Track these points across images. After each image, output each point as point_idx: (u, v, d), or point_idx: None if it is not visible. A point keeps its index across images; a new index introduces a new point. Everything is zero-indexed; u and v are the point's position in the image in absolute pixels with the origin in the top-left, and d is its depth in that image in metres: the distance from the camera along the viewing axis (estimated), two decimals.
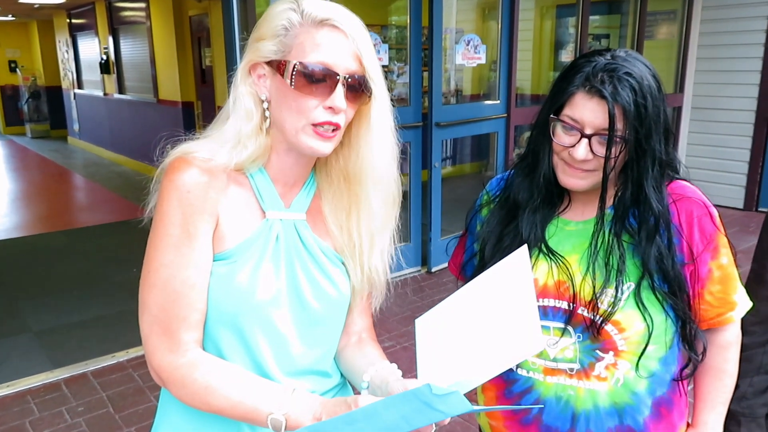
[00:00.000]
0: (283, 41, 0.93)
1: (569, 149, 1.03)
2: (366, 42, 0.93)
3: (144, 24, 7.89)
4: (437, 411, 0.75)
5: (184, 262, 0.91)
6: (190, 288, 0.92)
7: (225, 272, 0.94)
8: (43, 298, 4.18)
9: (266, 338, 0.97)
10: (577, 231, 1.13)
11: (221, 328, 0.96)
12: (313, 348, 1.03)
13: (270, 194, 0.99)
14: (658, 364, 1.10)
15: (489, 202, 1.24)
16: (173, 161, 0.94)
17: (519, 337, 0.87)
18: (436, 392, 0.75)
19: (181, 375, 0.91)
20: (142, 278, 0.94)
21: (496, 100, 4.86)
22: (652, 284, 1.05)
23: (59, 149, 11.57)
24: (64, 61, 11.79)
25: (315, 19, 0.92)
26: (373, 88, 0.95)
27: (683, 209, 1.08)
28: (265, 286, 0.96)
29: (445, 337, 0.98)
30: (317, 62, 0.90)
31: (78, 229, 6.20)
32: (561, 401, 1.10)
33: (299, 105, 0.92)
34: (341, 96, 0.91)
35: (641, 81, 1.00)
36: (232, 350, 0.96)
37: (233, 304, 0.94)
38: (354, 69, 0.92)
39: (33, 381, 3.05)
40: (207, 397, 0.90)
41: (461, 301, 0.99)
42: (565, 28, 6.81)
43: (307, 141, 0.93)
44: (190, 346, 0.92)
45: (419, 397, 0.75)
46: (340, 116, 0.93)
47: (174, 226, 0.91)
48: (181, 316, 0.92)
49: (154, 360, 0.93)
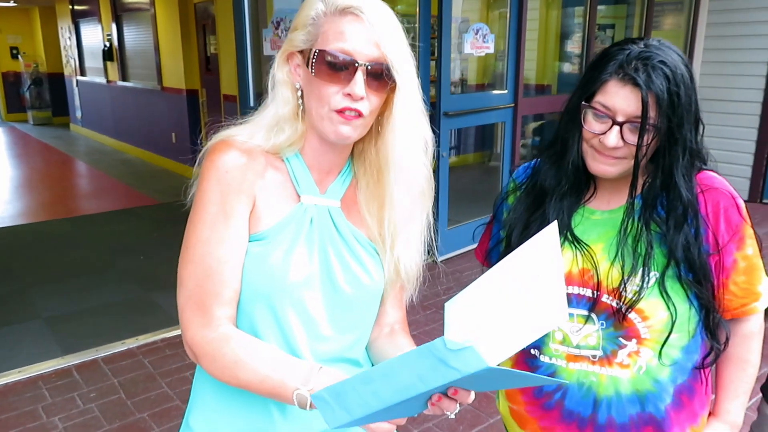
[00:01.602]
0: (310, 31, 0.95)
1: (600, 136, 1.04)
2: (390, 30, 0.94)
3: (148, 11, 7.85)
4: (452, 368, 0.72)
5: (219, 239, 0.94)
6: (224, 265, 0.94)
7: (259, 252, 0.96)
8: (51, 284, 4.20)
9: (298, 319, 0.99)
10: (603, 220, 1.14)
11: (255, 307, 0.98)
12: (344, 333, 1.04)
13: (305, 179, 1.01)
14: (681, 353, 1.11)
15: (516, 189, 1.25)
16: (215, 144, 0.98)
17: (544, 309, 0.86)
18: (450, 347, 0.72)
19: (212, 349, 0.93)
20: (181, 255, 0.97)
21: (504, 90, 4.85)
22: (678, 273, 1.06)
23: (62, 136, 11.55)
24: (66, 48, 11.75)
25: (338, 7, 0.93)
26: (396, 77, 0.94)
27: (710, 199, 1.08)
28: (297, 268, 0.97)
29: (472, 317, 0.98)
30: (337, 49, 0.92)
31: (83, 216, 6.22)
32: (583, 387, 1.12)
33: (321, 92, 0.94)
34: (360, 83, 0.92)
35: (675, 70, 1.00)
36: (266, 328, 0.98)
37: (266, 284, 0.96)
38: (375, 56, 0.92)
39: (44, 367, 3.07)
40: (236, 370, 0.92)
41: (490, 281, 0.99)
42: (571, 18, 6.79)
43: (331, 127, 0.95)
44: (222, 322, 0.95)
45: (433, 352, 0.73)
46: (361, 104, 0.93)
47: (212, 204, 0.94)
48: (215, 291, 0.94)
49: (188, 333, 0.95)
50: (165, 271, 4.32)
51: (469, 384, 0.78)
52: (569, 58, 6.76)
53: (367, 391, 0.77)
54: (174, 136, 7.81)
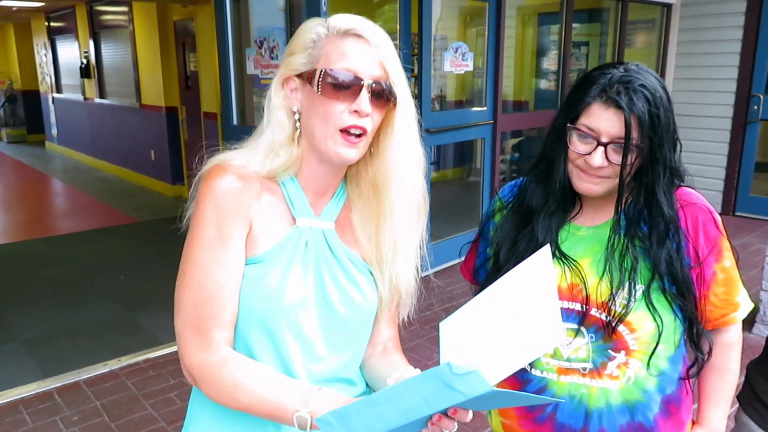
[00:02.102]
0: (311, 53, 0.98)
1: (585, 157, 1.08)
2: (389, 50, 0.98)
3: (126, 28, 7.83)
4: (457, 391, 0.75)
5: (217, 262, 0.95)
6: (222, 288, 0.95)
7: (256, 275, 0.97)
8: (29, 306, 4.13)
9: (294, 340, 1.00)
10: (589, 236, 1.18)
11: (252, 329, 0.99)
12: (339, 353, 1.06)
13: (300, 202, 1.03)
14: (667, 363, 1.15)
15: (502, 207, 1.28)
16: (211, 168, 0.99)
17: (541, 330, 0.89)
18: (456, 371, 0.74)
19: (211, 372, 0.94)
20: (178, 278, 0.98)
21: (483, 107, 4.93)
22: (663, 286, 1.10)
23: (37, 154, 11.38)
24: (42, 65, 11.61)
25: (340, 30, 0.97)
26: (397, 94, 0.98)
27: (690, 214, 1.13)
28: (293, 290, 0.99)
29: (468, 338, 1.00)
30: (343, 69, 0.95)
31: (60, 235, 6.12)
32: (574, 400, 1.15)
33: (326, 111, 0.96)
34: (366, 100, 0.95)
35: (654, 92, 1.06)
36: (262, 350, 1.00)
37: (263, 306, 0.97)
38: (378, 75, 0.96)
39: (24, 390, 3.01)
40: (235, 393, 0.93)
41: (484, 302, 1.01)
42: (547, 36, 6.93)
43: (335, 147, 0.97)
44: (221, 345, 0.96)
45: (439, 376, 0.75)
46: (366, 120, 0.96)
47: (209, 228, 0.96)
48: (213, 315, 0.95)
49: (186, 357, 0.96)
50: (146, 290, 4.33)
51: (470, 404, 0.80)
52: (545, 74, 6.90)
53: (371, 414, 0.78)
54: (153, 153, 7.76)
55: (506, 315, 0.95)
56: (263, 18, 4.42)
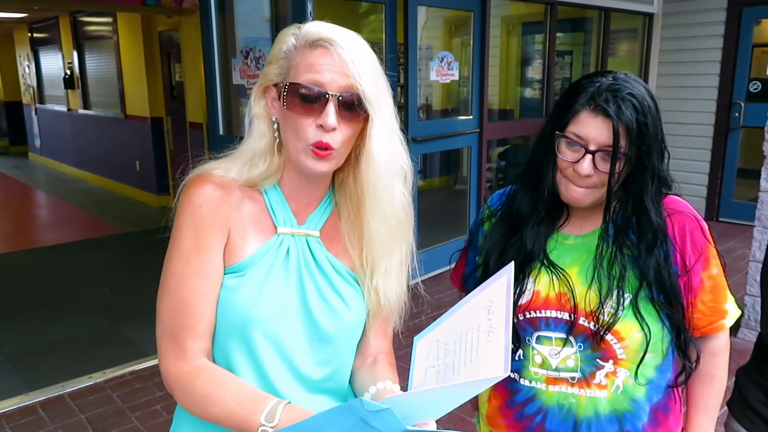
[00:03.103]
0: (283, 65, 0.97)
1: (573, 165, 1.09)
2: (362, 60, 0.93)
3: (111, 39, 7.78)
4: (373, 428, 0.74)
5: (193, 272, 0.95)
6: (197, 298, 0.95)
7: (233, 285, 0.97)
8: (11, 318, 4.06)
9: (273, 352, 0.99)
10: (577, 245, 1.18)
11: (229, 340, 0.98)
12: (323, 366, 1.04)
13: (282, 210, 1.02)
14: (655, 372, 1.15)
15: (491, 216, 1.28)
16: (191, 178, 0.99)
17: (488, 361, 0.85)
18: (368, 408, 0.73)
19: (184, 382, 0.94)
20: (159, 288, 0.98)
21: (469, 116, 4.96)
22: (651, 295, 1.10)
23: (20, 165, 11.25)
24: (24, 76, 11.51)
25: (309, 40, 0.94)
26: (368, 107, 0.94)
27: (677, 222, 1.14)
28: (271, 300, 0.98)
29: (434, 358, 0.98)
30: (308, 81, 0.92)
31: (44, 247, 6.04)
32: (563, 409, 1.15)
33: (295, 125, 0.95)
34: (332, 114, 0.92)
35: (642, 101, 1.06)
36: (240, 362, 0.98)
37: (238, 317, 0.96)
38: (346, 86, 0.92)
39: (7, 405, 2.96)
40: (204, 405, 0.92)
41: (452, 321, 0.99)
42: (531, 45, 7.00)
43: (306, 161, 0.96)
44: (196, 355, 0.95)
45: (354, 411, 0.74)
46: (332, 135, 0.93)
47: (186, 238, 0.96)
48: (188, 325, 0.95)
49: (163, 366, 0.96)
50: (131, 302, 4.28)
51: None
52: (530, 83, 6.95)
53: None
54: (138, 164, 7.70)
55: (468, 338, 0.92)
56: (249, 28, 4.42)
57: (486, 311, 0.91)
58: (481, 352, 0.87)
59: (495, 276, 0.95)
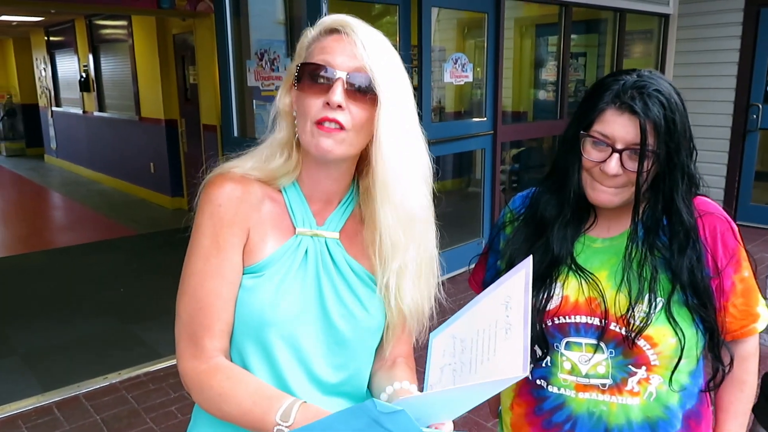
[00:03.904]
0: (301, 55, 0.99)
1: (600, 165, 1.06)
2: (375, 47, 0.93)
3: (126, 42, 7.84)
4: (386, 430, 0.73)
5: (212, 272, 0.95)
6: (216, 297, 0.95)
7: (252, 285, 0.96)
8: (27, 319, 4.09)
9: (289, 353, 0.97)
10: (605, 248, 1.15)
11: (246, 341, 0.97)
12: (339, 369, 1.02)
13: (302, 210, 1.01)
14: (689, 378, 1.12)
15: (513, 219, 1.25)
16: (212, 177, 0.99)
17: (506, 361, 0.83)
18: (381, 409, 0.72)
19: (201, 381, 0.94)
20: (179, 286, 0.98)
21: (483, 118, 4.94)
22: (685, 298, 1.07)
23: (36, 168, 11.37)
24: (41, 79, 11.63)
25: (326, 28, 0.97)
26: (376, 88, 0.92)
27: (708, 224, 1.11)
28: (288, 301, 0.96)
29: (450, 355, 0.96)
30: (318, 60, 0.94)
31: (59, 248, 6.09)
32: (593, 417, 1.12)
33: (305, 105, 0.94)
34: (338, 91, 0.91)
35: (669, 97, 1.04)
36: (256, 363, 0.97)
37: (256, 318, 0.95)
38: (355, 67, 0.92)
39: (23, 405, 2.98)
40: (220, 403, 0.92)
41: (468, 315, 0.97)
42: (545, 47, 6.96)
43: (312, 140, 0.93)
44: (213, 354, 0.95)
45: (366, 412, 0.74)
46: (340, 114, 0.91)
47: (205, 237, 0.95)
48: (206, 324, 0.95)
49: (180, 364, 0.96)
50: (145, 304, 4.29)
51: None
52: (544, 85, 6.91)
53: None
54: (152, 166, 7.75)
55: (485, 335, 0.89)
56: (263, 31, 4.43)
57: (504, 307, 0.88)
58: (499, 350, 0.85)
59: (513, 270, 0.92)
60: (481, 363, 0.87)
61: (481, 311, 0.94)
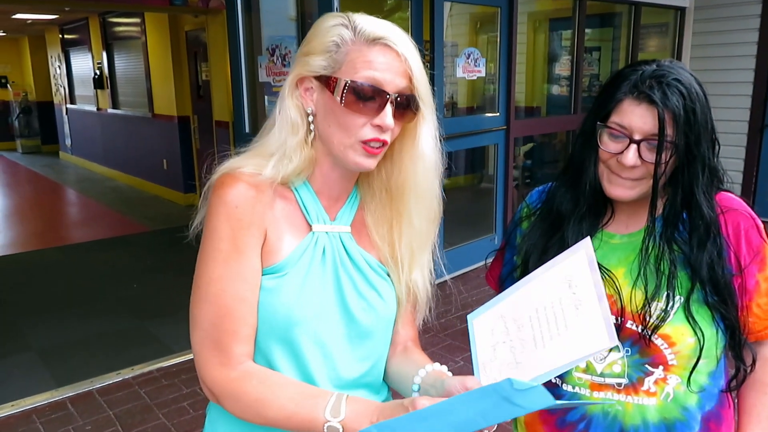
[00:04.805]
0: (333, 57, 0.93)
1: (617, 156, 1.03)
2: (417, 61, 0.94)
3: (139, 39, 7.88)
4: (516, 406, 0.74)
5: (233, 276, 0.92)
6: (240, 302, 0.92)
7: (274, 286, 0.94)
8: (42, 315, 4.12)
9: (316, 351, 0.97)
10: (623, 244, 1.12)
11: (271, 342, 0.96)
12: (362, 361, 1.03)
13: (315, 207, 1.00)
14: (708, 379, 1.09)
15: (530, 214, 1.23)
16: (220, 177, 0.95)
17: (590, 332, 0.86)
18: (517, 387, 0.73)
19: (233, 388, 0.91)
20: (192, 294, 0.94)
21: (496, 113, 4.90)
22: (704, 296, 1.04)
23: (51, 164, 11.48)
24: (56, 77, 11.73)
25: (368, 37, 0.92)
26: (421, 107, 0.96)
27: (731, 220, 1.07)
28: (313, 299, 0.96)
29: (502, 333, 0.96)
30: (368, 80, 0.91)
31: (74, 245, 6.14)
32: (608, 416, 1.09)
33: (347, 122, 0.93)
34: (390, 115, 0.92)
35: (689, 87, 1.01)
36: (283, 363, 0.96)
37: (283, 318, 0.94)
38: (403, 87, 0.93)
39: (38, 400, 3.00)
40: (260, 409, 0.89)
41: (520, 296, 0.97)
42: (558, 41, 6.89)
43: (355, 157, 0.94)
44: (241, 360, 0.93)
45: (499, 392, 0.74)
46: (387, 133, 0.94)
47: (223, 241, 0.92)
48: (232, 330, 0.92)
49: (207, 375, 0.92)
50: (159, 300, 4.32)
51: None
52: (557, 80, 6.84)
53: (420, 428, 0.77)
54: (165, 162, 7.78)
55: (548, 313, 0.92)
56: (274, 27, 4.42)
57: (566, 285, 0.90)
58: (572, 325, 0.88)
59: (567, 252, 0.93)
60: (550, 339, 0.89)
61: (534, 291, 0.95)
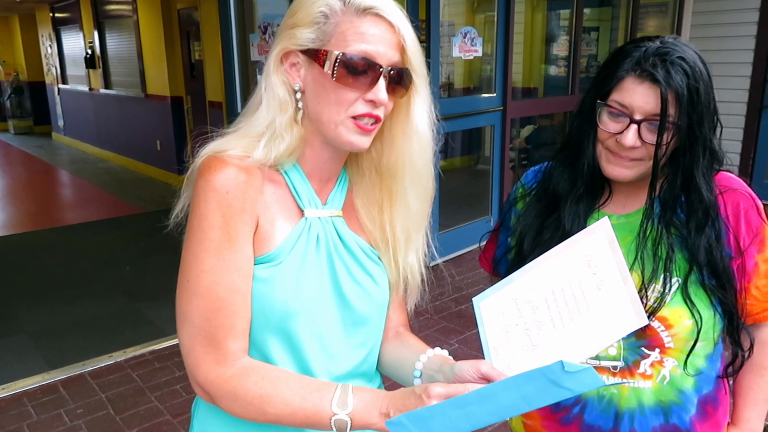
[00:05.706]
0: (322, 29, 0.87)
1: (616, 136, 0.99)
2: (410, 32, 0.90)
3: (131, 18, 7.75)
4: (564, 389, 0.72)
5: (226, 266, 0.86)
6: (234, 294, 0.86)
7: (268, 276, 0.89)
8: (35, 297, 4.09)
9: (313, 341, 0.93)
10: (620, 225, 1.09)
11: (267, 334, 0.91)
12: (358, 349, 1.00)
13: (306, 191, 0.95)
14: (705, 362, 1.07)
15: (525, 195, 1.20)
16: (207, 161, 0.88)
17: (617, 312, 0.85)
18: (568, 369, 0.71)
19: (232, 387, 0.85)
20: (179, 288, 0.88)
21: (492, 94, 4.84)
22: (702, 279, 1.01)
23: (43, 145, 11.37)
24: (47, 56, 11.58)
25: (359, 6, 0.86)
26: (415, 80, 0.91)
27: (730, 201, 1.04)
28: (309, 289, 0.91)
29: (514, 316, 0.93)
30: (360, 53, 0.86)
31: (67, 226, 6.09)
32: (603, 400, 1.07)
33: (339, 97, 0.88)
34: (383, 89, 0.87)
35: (694, 66, 0.97)
36: (280, 356, 0.92)
37: (280, 309, 0.89)
38: (397, 60, 0.88)
39: (29, 383, 2.98)
40: (263, 406, 0.85)
41: (533, 278, 0.94)
42: (556, 21, 6.80)
43: (347, 135, 0.89)
44: (238, 356, 0.87)
45: (548, 375, 0.72)
46: (380, 109, 0.90)
47: (213, 229, 0.85)
48: (227, 324, 0.86)
49: (200, 374, 0.86)
50: (152, 282, 4.28)
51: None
52: (555, 60, 6.77)
53: (458, 415, 0.75)
54: (158, 143, 7.71)
55: (566, 294, 0.89)
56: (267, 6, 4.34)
57: (586, 266, 0.89)
58: (594, 306, 0.86)
59: (583, 233, 0.90)
60: (571, 320, 0.87)
61: (549, 272, 0.92)
